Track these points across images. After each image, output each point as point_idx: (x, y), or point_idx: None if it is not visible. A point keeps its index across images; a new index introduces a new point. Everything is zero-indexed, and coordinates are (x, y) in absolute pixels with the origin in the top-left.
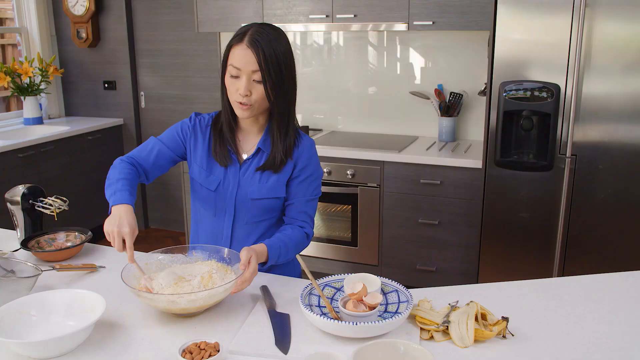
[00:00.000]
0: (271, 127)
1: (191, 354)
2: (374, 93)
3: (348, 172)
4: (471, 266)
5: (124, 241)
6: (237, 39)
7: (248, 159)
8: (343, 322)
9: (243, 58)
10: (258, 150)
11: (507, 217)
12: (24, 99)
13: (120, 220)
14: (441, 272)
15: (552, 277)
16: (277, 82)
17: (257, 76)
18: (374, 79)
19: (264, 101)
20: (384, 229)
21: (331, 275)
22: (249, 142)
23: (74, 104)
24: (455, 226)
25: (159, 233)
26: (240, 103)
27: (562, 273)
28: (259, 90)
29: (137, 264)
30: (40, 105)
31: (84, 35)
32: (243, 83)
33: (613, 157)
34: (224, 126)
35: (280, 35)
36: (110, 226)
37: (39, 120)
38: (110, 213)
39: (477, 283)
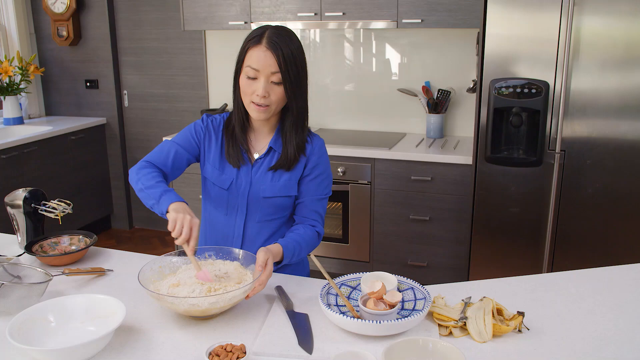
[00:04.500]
0: (284, 126)
1: (218, 356)
2: (362, 90)
3: (339, 169)
4: (462, 261)
5: None
6: (254, 40)
7: (260, 158)
8: (366, 320)
9: (263, 60)
10: (270, 149)
11: (497, 212)
12: (4, 98)
13: (188, 211)
14: (432, 267)
15: (542, 270)
16: (296, 82)
17: (276, 77)
18: (361, 76)
19: (282, 102)
20: (375, 225)
21: (329, 273)
22: (261, 141)
23: (54, 104)
24: (446, 222)
25: (144, 233)
26: (257, 104)
27: (552, 267)
28: (277, 92)
29: (196, 259)
30: (21, 104)
31: (64, 33)
32: (261, 84)
33: (600, 152)
34: (236, 126)
35: (294, 36)
36: (179, 213)
37: (19, 120)
38: (167, 212)
39: (468, 277)
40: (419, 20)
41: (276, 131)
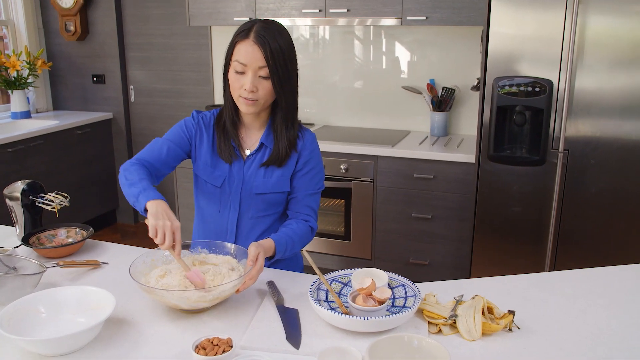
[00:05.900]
0: (275, 121)
1: (204, 349)
2: (366, 87)
3: (341, 166)
4: (464, 260)
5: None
6: (242, 35)
7: (251, 154)
8: (354, 316)
9: (250, 54)
10: (261, 145)
11: (499, 211)
12: (12, 92)
13: (167, 215)
14: (434, 266)
15: (544, 270)
16: (284, 76)
17: (264, 72)
18: (366, 73)
19: (270, 96)
20: (378, 223)
21: (330, 270)
22: (252, 137)
23: (61, 98)
24: (448, 220)
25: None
26: (245, 98)
27: (554, 266)
28: (265, 86)
29: (183, 260)
30: (28, 99)
31: (72, 28)
32: (249, 79)
33: (604, 152)
34: (226, 122)
35: (283, 30)
36: (159, 220)
37: (27, 114)
38: (145, 210)
39: (470, 276)
40: (424, 18)
41: (267, 127)
